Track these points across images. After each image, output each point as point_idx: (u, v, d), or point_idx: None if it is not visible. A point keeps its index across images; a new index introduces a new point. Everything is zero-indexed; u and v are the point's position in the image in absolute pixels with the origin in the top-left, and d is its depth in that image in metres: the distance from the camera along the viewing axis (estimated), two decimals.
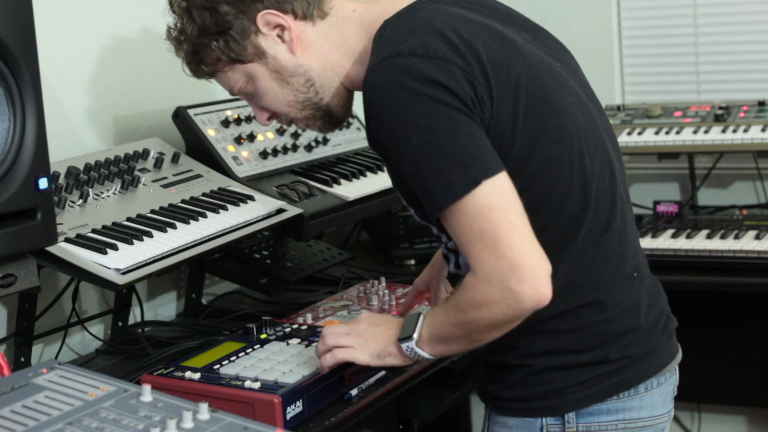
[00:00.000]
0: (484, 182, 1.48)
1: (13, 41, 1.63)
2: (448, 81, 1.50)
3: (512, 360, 1.66)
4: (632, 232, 1.72)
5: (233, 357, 1.85)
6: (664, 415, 1.72)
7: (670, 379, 1.72)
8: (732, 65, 3.32)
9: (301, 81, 1.72)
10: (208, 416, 1.33)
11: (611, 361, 1.63)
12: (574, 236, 1.61)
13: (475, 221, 1.49)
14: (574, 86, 1.68)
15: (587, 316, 1.63)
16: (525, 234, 1.49)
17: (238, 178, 2.30)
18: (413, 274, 2.61)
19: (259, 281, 2.51)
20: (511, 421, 1.68)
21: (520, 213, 1.50)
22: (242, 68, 1.73)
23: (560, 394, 1.63)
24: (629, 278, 1.66)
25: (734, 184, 3.32)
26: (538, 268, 1.48)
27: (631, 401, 1.66)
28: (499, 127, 1.54)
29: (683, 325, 1.85)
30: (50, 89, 2.21)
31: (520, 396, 1.66)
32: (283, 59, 1.70)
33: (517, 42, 1.62)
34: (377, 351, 1.68)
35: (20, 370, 1.48)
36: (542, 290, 1.48)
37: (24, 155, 1.66)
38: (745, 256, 2.69)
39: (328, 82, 1.72)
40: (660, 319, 1.72)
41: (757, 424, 3.42)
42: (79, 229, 1.92)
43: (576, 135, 1.61)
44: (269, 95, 1.75)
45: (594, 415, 1.64)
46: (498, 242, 1.47)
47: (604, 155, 1.66)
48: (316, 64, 1.71)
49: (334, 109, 1.76)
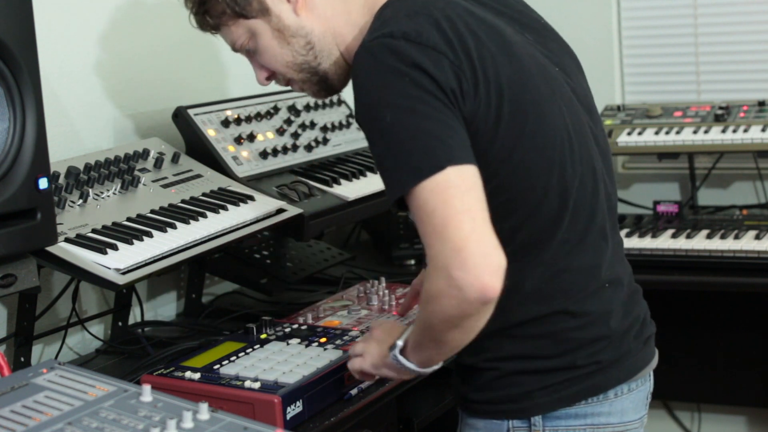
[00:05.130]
0: (448, 168, 1.44)
1: (13, 41, 1.63)
2: (434, 69, 1.50)
3: (481, 362, 1.66)
4: (613, 240, 1.70)
5: (233, 357, 1.85)
6: (635, 421, 1.71)
7: (642, 385, 1.71)
8: (732, 65, 3.33)
9: (301, 42, 1.73)
10: (208, 416, 1.33)
11: (579, 367, 1.63)
12: (547, 244, 1.60)
13: (429, 201, 1.43)
14: (568, 93, 1.67)
15: (556, 324, 1.62)
16: (477, 218, 1.42)
17: (238, 178, 2.30)
18: (413, 274, 2.61)
19: (259, 281, 2.51)
20: (480, 422, 1.68)
21: (479, 199, 1.44)
22: (245, 24, 1.74)
23: (527, 397, 1.63)
24: (601, 289, 1.65)
25: (734, 184, 3.32)
26: (484, 254, 1.40)
27: (600, 406, 1.65)
28: (480, 124, 1.53)
29: (683, 325, 1.86)
30: (50, 89, 2.21)
31: (488, 398, 1.66)
32: (286, 18, 1.72)
33: (514, 42, 1.61)
34: (375, 362, 1.67)
35: (20, 370, 1.48)
36: (485, 280, 1.39)
37: (24, 155, 1.66)
38: (745, 256, 2.69)
39: (327, 48, 1.74)
40: (634, 325, 1.70)
41: (757, 424, 3.42)
42: (79, 229, 1.92)
43: (560, 144, 1.60)
44: (268, 53, 1.76)
45: (561, 419, 1.64)
46: (446, 223, 1.41)
47: (589, 166, 1.65)
48: (318, 28, 1.72)
49: (331, 77, 1.77)
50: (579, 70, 1.79)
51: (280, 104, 2.57)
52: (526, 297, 1.54)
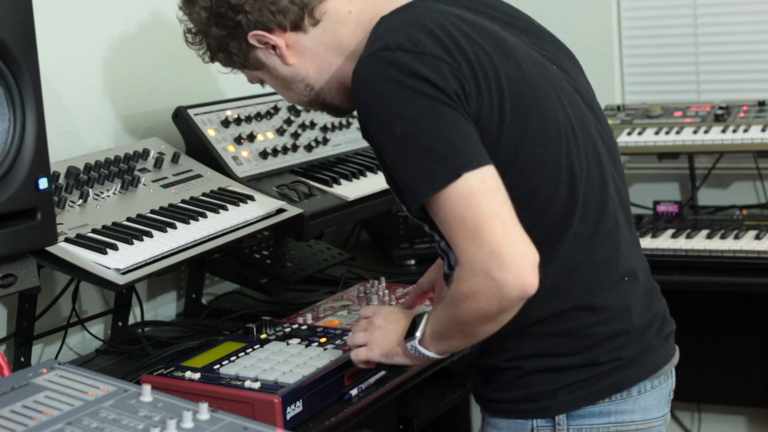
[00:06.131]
0: (465, 174, 1.48)
1: (13, 41, 1.63)
2: (434, 76, 1.51)
3: (503, 362, 1.66)
4: (628, 236, 1.71)
5: (233, 357, 1.85)
6: (658, 419, 1.71)
7: (665, 382, 1.72)
8: (732, 65, 3.33)
9: (301, 86, 1.79)
10: (208, 416, 1.33)
11: (601, 364, 1.63)
12: (561, 238, 1.61)
13: (456, 209, 1.48)
14: (569, 89, 1.68)
15: (575, 320, 1.63)
16: (507, 220, 1.47)
17: (238, 178, 2.30)
18: (413, 274, 2.62)
19: (259, 281, 2.51)
20: (503, 422, 1.68)
21: (504, 200, 1.49)
22: (252, 72, 1.83)
23: (550, 396, 1.63)
24: (620, 282, 1.66)
25: (734, 184, 3.32)
26: (521, 255, 1.46)
27: (623, 404, 1.65)
28: (486, 124, 1.55)
29: (683, 325, 1.85)
30: (51, 89, 2.21)
31: (511, 398, 1.66)
32: (281, 70, 1.77)
33: (510, 43, 1.63)
34: (387, 350, 1.70)
35: (20, 370, 1.48)
36: (526, 278, 1.46)
37: (24, 155, 1.66)
38: (745, 256, 2.69)
39: (327, 83, 1.77)
40: (654, 321, 1.71)
41: (757, 424, 3.42)
42: (79, 229, 1.92)
43: (565, 138, 1.61)
44: (280, 93, 1.86)
45: (585, 417, 1.64)
46: (479, 229, 1.46)
47: (595, 160, 1.65)
48: (312, 69, 1.76)
49: (339, 104, 1.82)
50: (578, 69, 1.79)
51: (280, 104, 2.57)
52: (544, 294, 1.54)
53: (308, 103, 1.83)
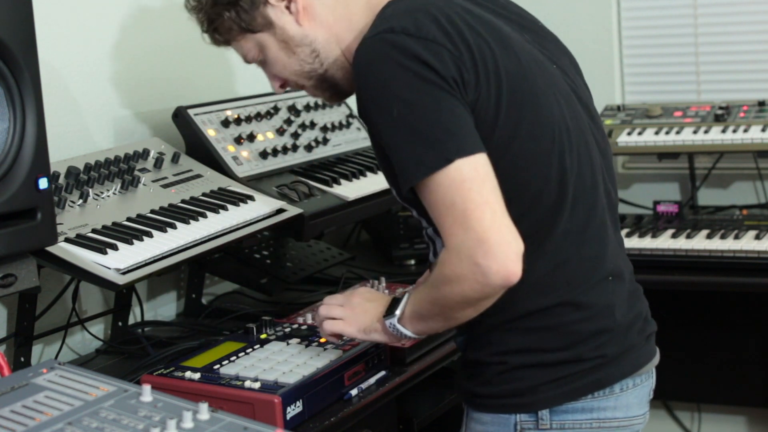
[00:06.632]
0: (457, 160, 1.50)
1: (13, 41, 1.63)
2: (435, 61, 1.53)
3: (487, 357, 1.67)
4: (615, 236, 1.73)
5: (233, 357, 1.85)
6: (639, 416, 1.72)
7: (646, 381, 1.73)
8: (732, 65, 3.33)
9: (306, 51, 1.77)
10: (208, 416, 1.33)
11: (584, 360, 1.64)
12: (549, 233, 1.62)
13: (446, 194, 1.50)
14: (565, 88, 1.70)
15: (561, 316, 1.64)
16: (496, 209, 1.50)
17: (238, 178, 2.30)
18: (413, 274, 2.62)
19: (259, 281, 2.51)
20: (486, 417, 1.69)
21: (493, 189, 1.51)
22: (253, 38, 1.80)
23: (533, 391, 1.64)
24: (605, 281, 1.67)
25: (734, 184, 3.32)
26: (506, 243, 1.49)
27: (606, 401, 1.66)
28: (481, 114, 1.57)
29: (683, 325, 1.86)
30: (51, 89, 2.21)
31: (495, 392, 1.67)
32: (290, 30, 1.76)
33: (513, 39, 1.65)
34: (364, 326, 1.72)
35: (20, 370, 1.48)
36: (510, 266, 1.48)
37: (24, 155, 1.66)
38: (745, 256, 2.69)
39: (332, 54, 1.77)
40: (637, 321, 1.72)
41: (757, 424, 3.42)
42: (79, 229, 1.92)
43: (558, 134, 1.63)
44: (278, 64, 1.81)
45: (568, 413, 1.65)
46: (468, 215, 1.48)
47: (587, 158, 1.67)
48: (321, 35, 1.76)
49: (339, 82, 1.81)
50: (577, 71, 1.81)
51: (280, 104, 2.57)
52: (530, 288, 1.57)
53: (308, 74, 1.79)
